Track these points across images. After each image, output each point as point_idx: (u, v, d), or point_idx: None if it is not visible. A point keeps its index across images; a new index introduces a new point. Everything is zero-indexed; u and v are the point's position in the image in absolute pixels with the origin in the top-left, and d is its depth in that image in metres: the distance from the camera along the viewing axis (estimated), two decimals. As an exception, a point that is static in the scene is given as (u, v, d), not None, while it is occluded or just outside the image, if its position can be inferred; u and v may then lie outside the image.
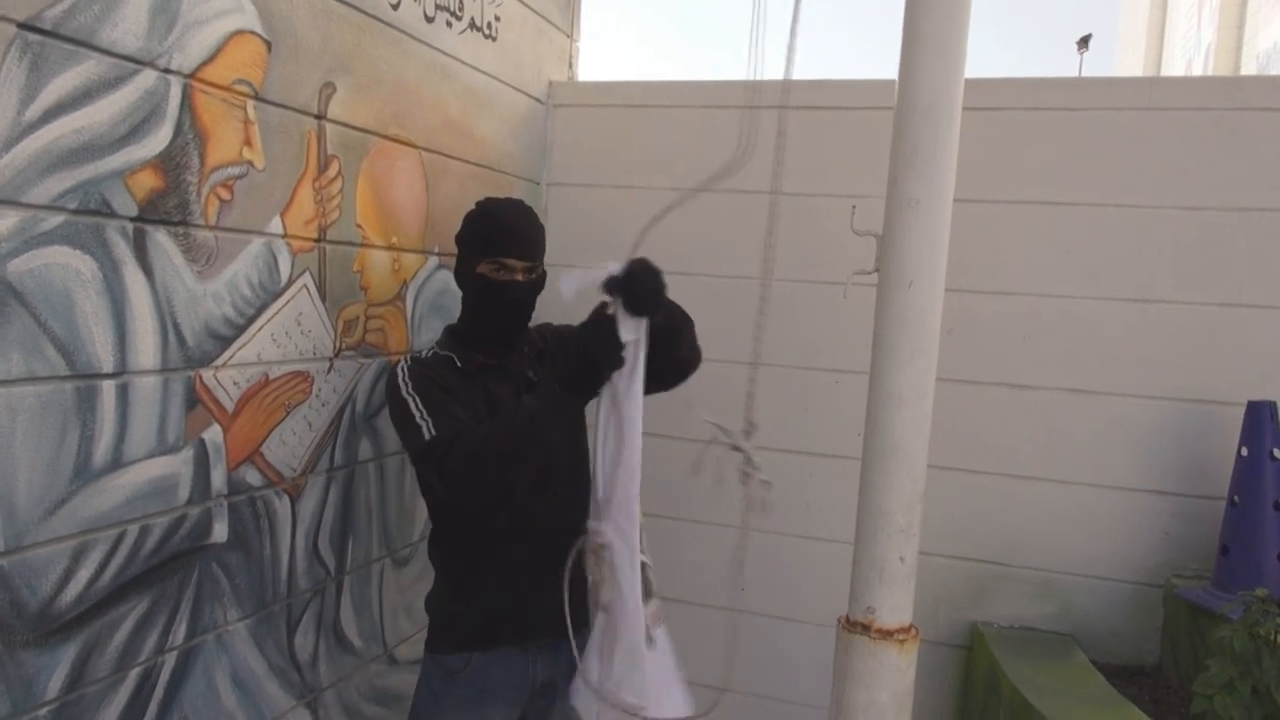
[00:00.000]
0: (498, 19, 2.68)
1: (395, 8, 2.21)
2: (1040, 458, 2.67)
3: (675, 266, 2.95)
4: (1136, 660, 2.59)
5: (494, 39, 2.68)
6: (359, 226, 2.16)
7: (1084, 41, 24.46)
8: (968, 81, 1.60)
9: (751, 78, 1.54)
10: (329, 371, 2.09)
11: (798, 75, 1.77)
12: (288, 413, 1.97)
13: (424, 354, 2.00)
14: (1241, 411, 2.42)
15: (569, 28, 3.16)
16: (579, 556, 1.80)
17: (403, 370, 1.92)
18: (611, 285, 1.73)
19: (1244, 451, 2.36)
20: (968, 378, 2.72)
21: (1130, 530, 2.61)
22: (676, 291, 1.87)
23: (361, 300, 2.19)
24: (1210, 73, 10.89)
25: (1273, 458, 2.31)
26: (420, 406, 1.85)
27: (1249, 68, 10.03)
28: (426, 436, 1.82)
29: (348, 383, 2.16)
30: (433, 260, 2.47)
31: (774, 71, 1.65)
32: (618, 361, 1.73)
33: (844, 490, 2.09)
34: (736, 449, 1.64)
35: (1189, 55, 12.38)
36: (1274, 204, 2.48)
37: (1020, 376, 2.67)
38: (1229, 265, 2.52)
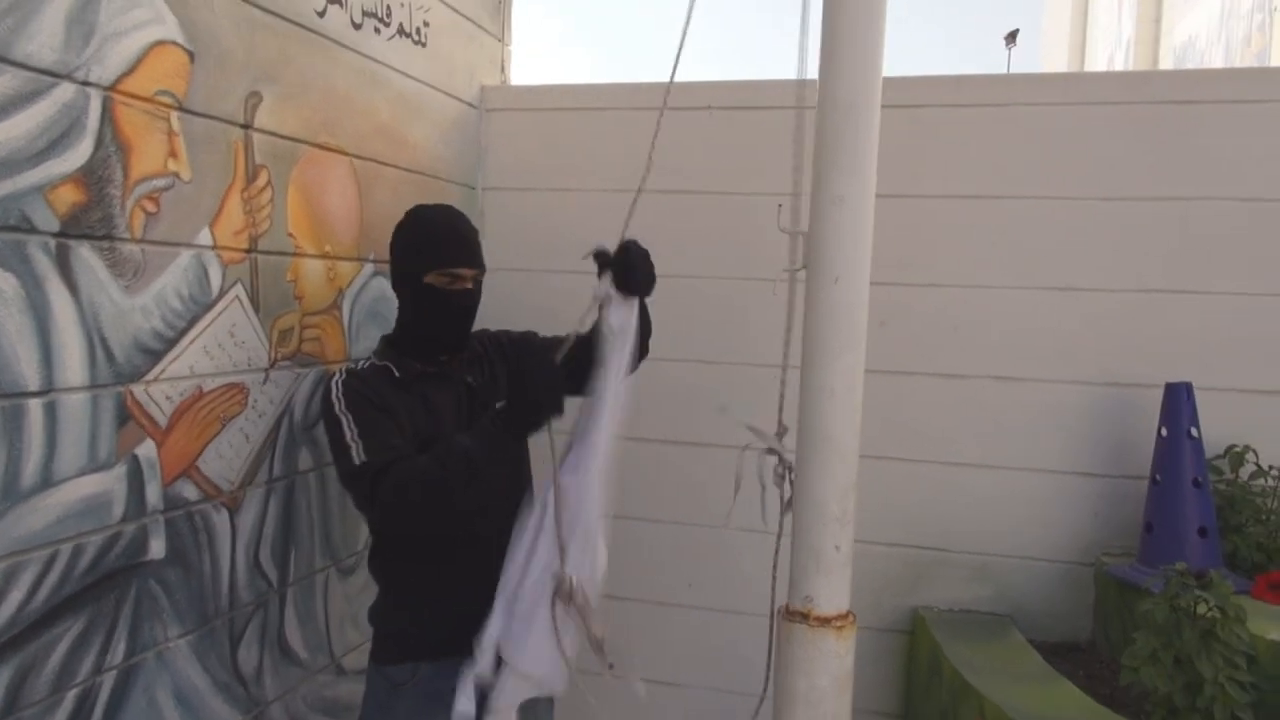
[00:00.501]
0: (427, 24, 2.68)
1: (321, 15, 2.19)
2: (974, 445, 2.74)
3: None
4: (1071, 637, 2.68)
5: (424, 44, 2.67)
6: (291, 235, 2.14)
7: (1011, 36, 25.00)
8: (890, 80, 1.64)
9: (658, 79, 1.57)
10: (264, 382, 2.07)
11: (723, 76, 1.82)
12: (223, 425, 1.95)
13: (360, 366, 1.97)
14: (1160, 393, 2.52)
15: (500, 32, 3.17)
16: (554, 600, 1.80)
17: (337, 386, 1.89)
18: (603, 260, 1.84)
19: (1163, 432, 2.45)
20: (902, 369, 2.78)
21: (1061, 512, 2.70)
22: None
23: (296, 310, 2.17)
24: (1130, 66, 11.22)
25: (1190, 436, 2.40)
26: (352, 427, 1.83)
27: (1166, 61, 10.38)
28: (356, 460, 1.81)
29: (284, 393, 2.14)
30: (368, 268, 2.46)
31: (704, 74, 1.68)
32: (558, 406, 1.78)
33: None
34: (772, 452, 1.70)
35: (1110, 49, 12.75)
36: (1185, 193, 2.58)
37: (952, 366, 2.74)
38: (1145, 253, 2.61)
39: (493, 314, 2.25)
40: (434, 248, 1.98)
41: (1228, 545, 2.41)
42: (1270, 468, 2.43)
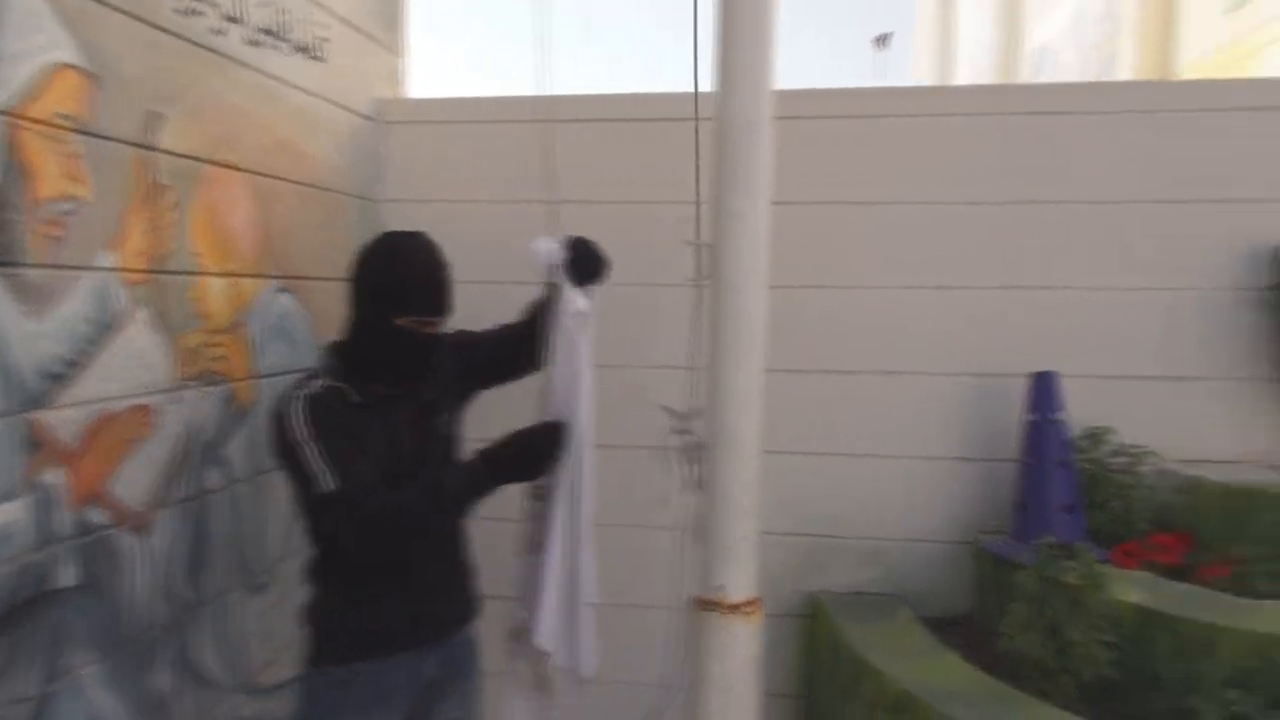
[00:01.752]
0: (324, 40, 2.69)
1: (218, 34, 2.19)
2: (863, 436, 2.92)
3: (511, 276, 3.05)
4: (953, 611, 2.88)
5: (320, 59, 2.68)
6: (194, 254, 2.14)
7: (881, 40, 25.91)
8: (778, 94, 1.75)
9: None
10: (171, 403, 2.06)
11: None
12: (132, 448, 1.94)
13: (315, 389, 1.90)
14: (1028, 382, 2.74)
15: (395, 45, 3.19)
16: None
17: (298, 412, 1.84)
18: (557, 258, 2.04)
19: (1030, 417, 2.66)
20: (795, 367, 2.93)
21: (943, 495, 2.90)
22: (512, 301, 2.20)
23: (201, 328, 2.17)
24: (992, 70, 11.84)
25: (1055, 421, 2.63)
26: (319, 454, 1.80)
27: (1024, 66, 11.01)
28: (325, 488, 1.79)
29: (191, 413, 2.13)
30: (272, 284, 2.46)
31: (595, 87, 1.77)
32: (556, 468, 1.95)
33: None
34: (684, 431, 1.81)
35: (974, 52, 13.41)
36: (1042, 196, 2.81)
37: (841, 363, 2.91)
38: (1010, 253, 2.83)
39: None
40: (412, 295, 1.93)
41: (1091, 520, 2.64)
42: (1124, 446, 2.67)
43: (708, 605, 1.76)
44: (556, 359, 2.05)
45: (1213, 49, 6.35)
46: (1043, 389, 2.65)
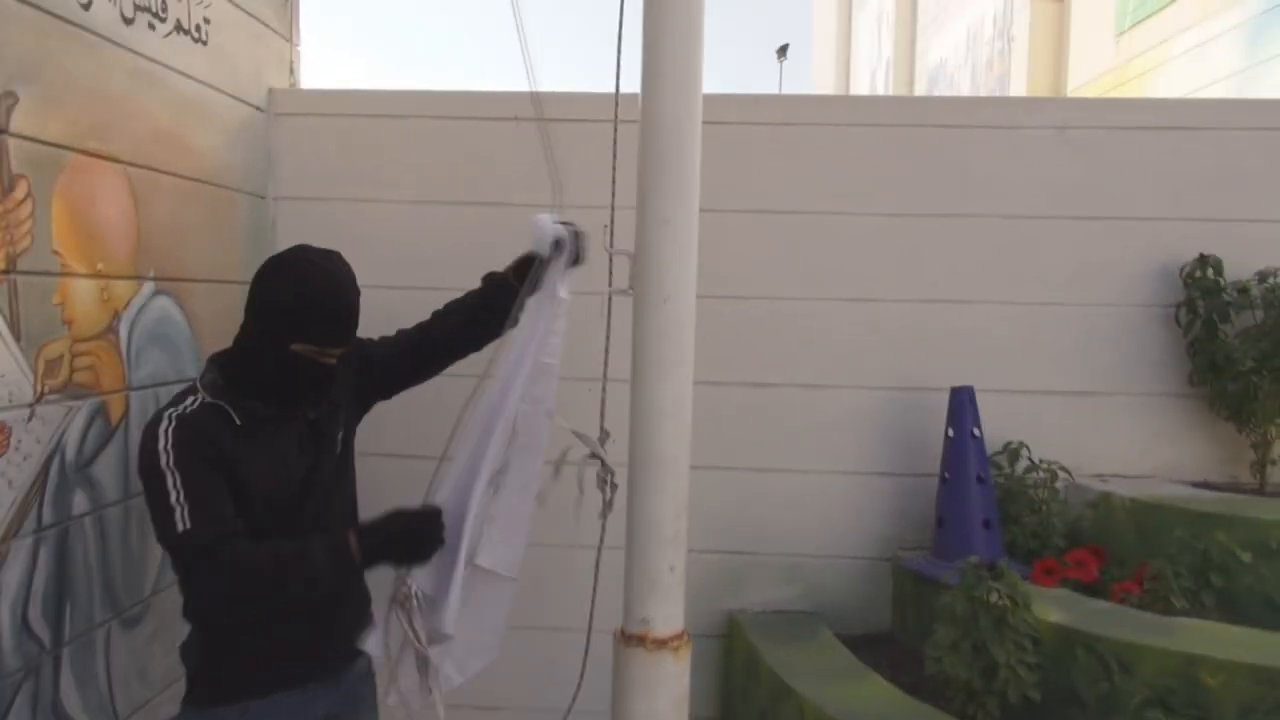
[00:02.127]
0: (207, 21, 2.47)
1: (86, 8, 1.97)
2: (782, 450, 2.84)
3: (419, 281, 2.88)
4: (873, 629, 2.83)
5: (204, 43, 2.46)
6: (56, 253, 1.91)
7: (782, 50, 26.38)
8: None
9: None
10: (29, 420, 1.83)
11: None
12: (-20, 472, 1.71)
13: (190, 407, 1.74)
14: (944, 396, 2.71)
15: (287, 32, 2.98)
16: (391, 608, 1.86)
17: (165, 434, 1.68)
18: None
19: (950, 433, 2.64)
20: (714, 379, 2.82)
21: (860, 511, 2.85)
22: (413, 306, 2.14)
23: (65, 336, 1.94)
24: (890, 83, 12.11)
25: (973, 436, 2.60)
26: (178, 486, 1.65)
27: (921, 79, 11.28)
28: (179, 528, 1.65)
29: (53, 430, 1.90)
30: (148, 286, 2.24)
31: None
32: (427, 558, 1.84)
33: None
34: (594, 457, 1.70)
35: (873, 66, 13.71)
36: (959, 210, 2.79)
37: (760, 375, 2.83)
38: (927, 265, 2.80)
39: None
40: (314, 323, 1.79)
41: (1007, 535, 2.62)
42: (1041, 461, 2.67)
43: (632, 640, 1.64)
44: (522, 333, 2.00)
45: (1101, 71, 6.58)
46: (960, 404, 2.63)
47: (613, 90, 1.94)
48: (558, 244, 2.03)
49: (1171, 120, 2.75)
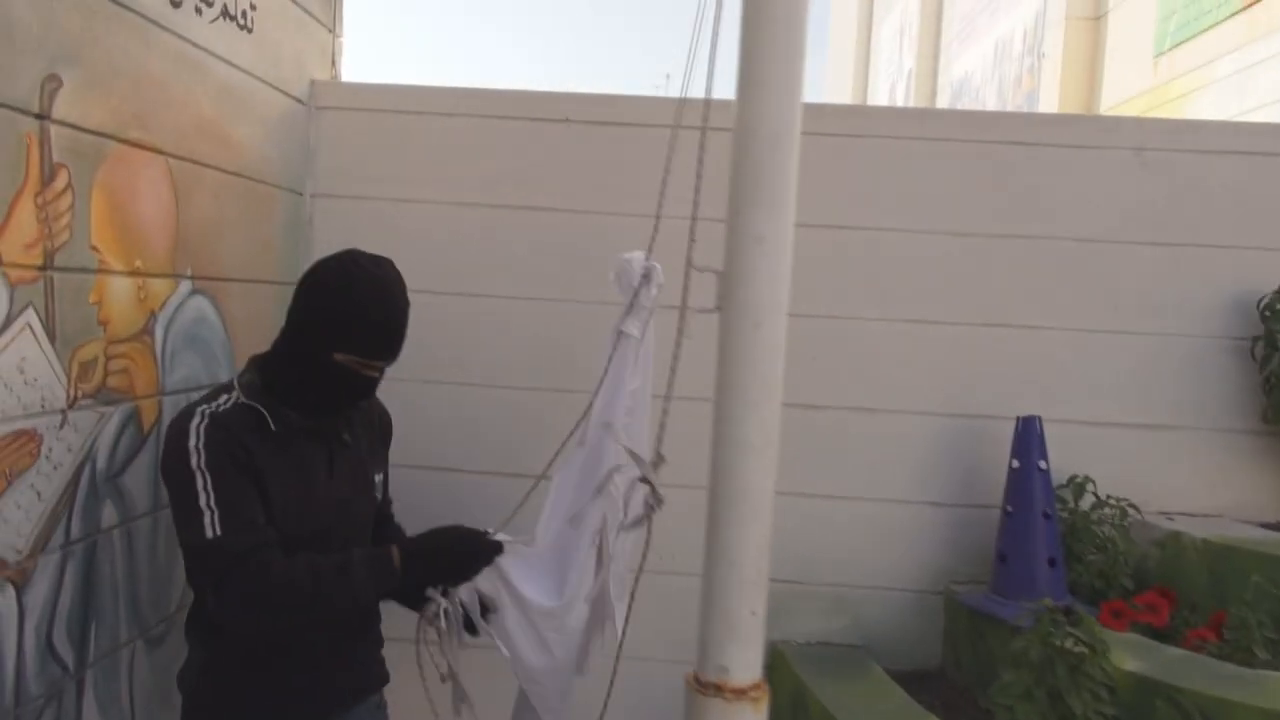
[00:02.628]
0: (253, 7, 2.35)
1: (135, -12, 1.85)
2: (831, 476, 2.73)
3: (462, 288, 2.76)
4: (921, 664, 2.71)
5: (250, 30, 2.34)
6: (95, 249, 1.79)
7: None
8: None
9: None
10: (61, 427, 1.71)
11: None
12: (9, 483, 1.58)
13: (223, 406, 1.67)
14: (1004, 424, 2.59)
15: (331, 21, 2.86)
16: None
17: (197, 431, 1.61)
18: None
19: (1015, 464, 2.52)
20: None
21: (912, 541, 2.74)
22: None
23: (101, 337, 1.81)
24: (911, 97, 12.01)
25: (1039, 469, 2.48)
26: (209, 489, 1.58)
27: (944, 94, 11.18)
28: (209, 534, 1.57)
29: (85, 438, 1.78)
30: (184, 285, 2.12)
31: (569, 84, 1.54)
32: (469, 578, 1.77)
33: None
34: (645, 481, 1.60)
35: (893, 78, 13.61)
36: (1029, 231, 2.67)
37: (812, 396, 2.71)
38: (993, 287, 2.69)
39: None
40: (362, 334, 1.71)
41: (1071, 573, 2.50)
42: (1108, 497, 2.55)
43: (708, 688, 1.52)
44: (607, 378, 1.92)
45: (1138, 92, 6.47)
46: (1028, 434, 2.51)
47: (678, 94, 1.86)
48: (646, 277, 1.90)
49: (1252, 145, 2.64)
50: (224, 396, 1.71)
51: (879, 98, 14.21)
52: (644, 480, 1.74)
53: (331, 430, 1.80)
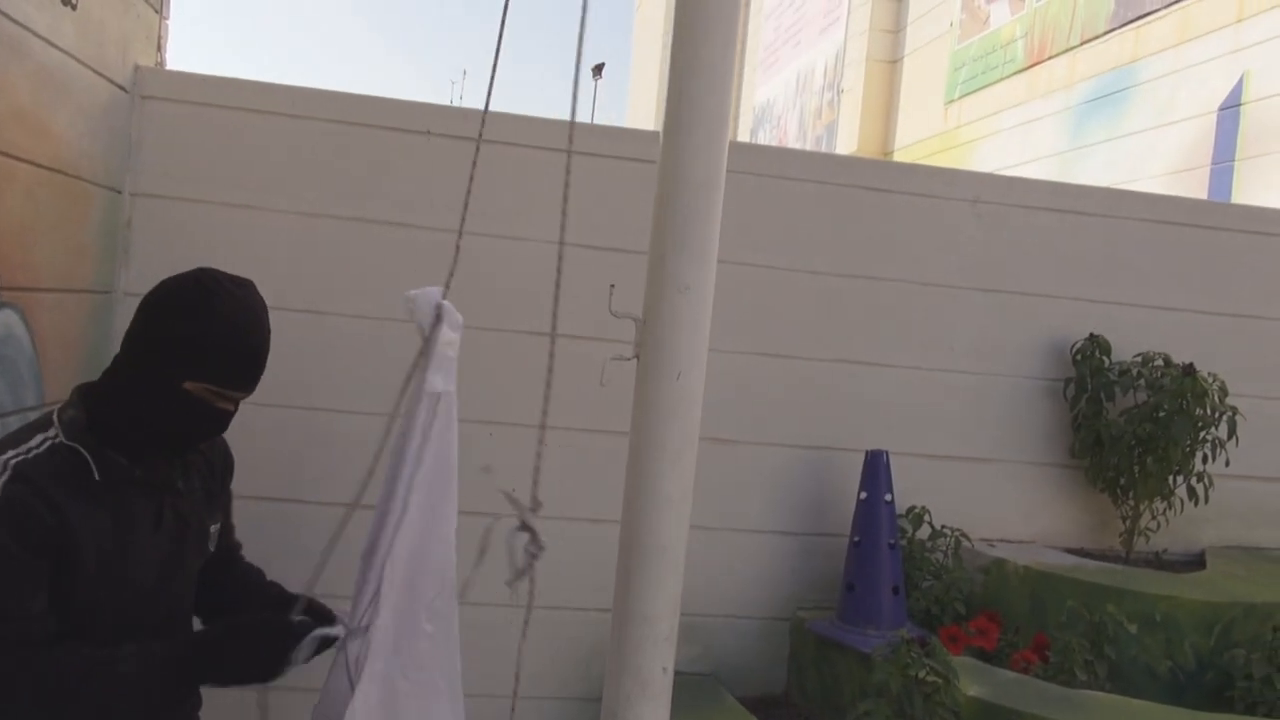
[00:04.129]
0: (78, -20, 2.07)
1: (-48, -49, 1.57)
2: (686, 505, 2.73)
3: (306, 304, 2.56)
4: (768, 690, 2.78)
5: (74, 6, 2.06)
6: (-110, 256, 1.50)
7: (598, 69, 26.60)
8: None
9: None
10: None
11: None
12: None
13: (37, 448, 1.42)
14: (848, 456, 2.70)
15: (158, 1, 2.57)
16: None
17: None
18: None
19: (863, 495, 2.62)
20: (610, 428, 2.69)
21: (761, 569, 2.79)
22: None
23: (-105, 362, 1.53)
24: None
25: (886, 502, 2.60)
26: None
27: (746, 117, 11.66)
28: None
29: None
30: (-8, 297, 1.83)
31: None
32: (271, 678, 1.50)
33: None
34: (526, 528, 1.46)
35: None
36: (876, 273, 2.80)
37: (670, 427, 2.71)
38: (841, 325, 2.79)
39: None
40: (218, 362, 1.51)
41: (909, 600, 2.64)
42: (944, 527, 2.71)
43: (618, 751, 1.47)
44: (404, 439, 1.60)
45: (929, 134, 7.01)
46: (876, 468, 2.62)
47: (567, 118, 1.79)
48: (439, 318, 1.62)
49: (1071, 204, 2.89)
50: (38, 437, 1.45)
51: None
52: (524, 527, 1.63)
53: (164, 477, 1.58)
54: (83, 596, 1.44)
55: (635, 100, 18.67)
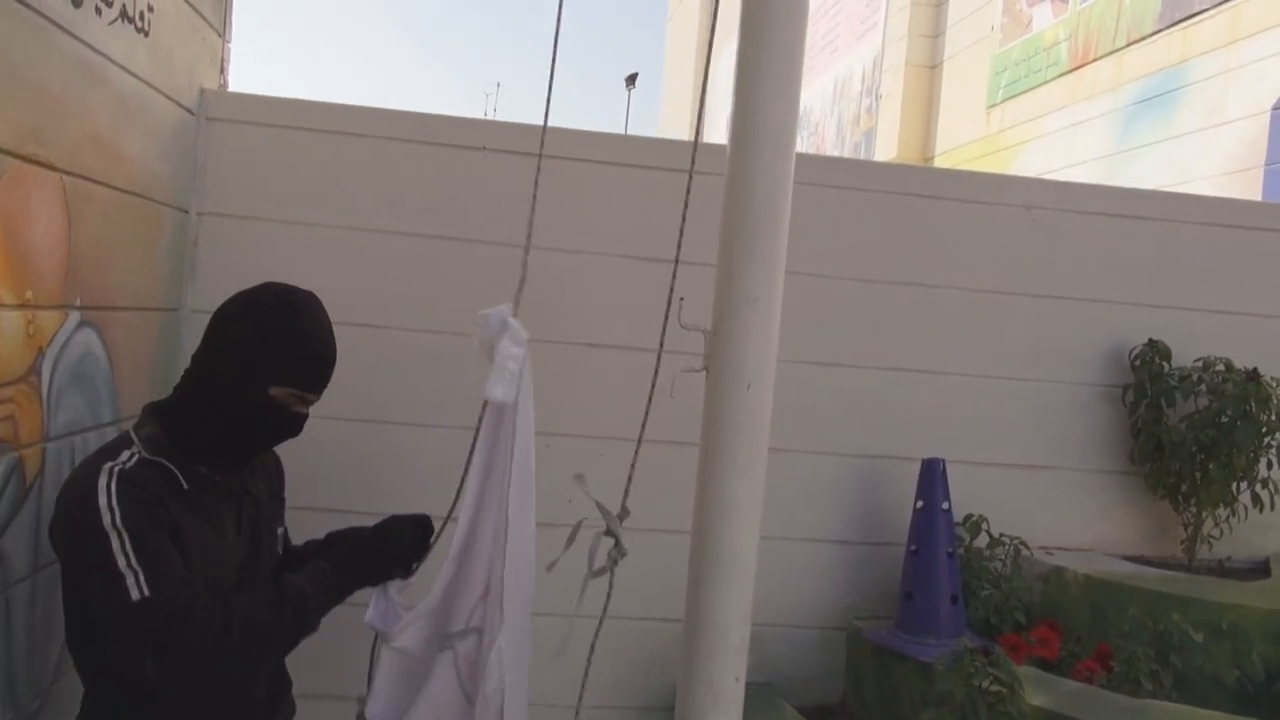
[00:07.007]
0: (150, 9, 2.13)
1: (37, -17, 1.63)
2: (741, 515, 2.74)
3: (360, 318, 2.61)
4: (824, 699, 2.77)
5: (146, 33, 2.12)
6: (-15, 280, 1.56)
7: (631, 79, 26.71)
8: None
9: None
10: (-59, 486, 1.47)
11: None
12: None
13: (128, 463, 1.50)
14: (904, 464, 2.69)
15: (221, 25, 2.64)
16: None
17: (106, 490, 1.44)
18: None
19: (919, 504, 2.61)
20: (670, 438, 2.70)
21: (817, 579, 2.79)
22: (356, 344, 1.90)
23: (-13, 381, 1.58)
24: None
25: (943, 510, 2.59)
26: (128, 550, 1.42)
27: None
28: (135, 595, 1.41)
29: (-35, 497, 1.55)
30: (73, 317, 1.88)
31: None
32: (410, 569, 1.73)
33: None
34: (610, 534, 1.52)
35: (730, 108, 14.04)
36: (930, 280, 2.79)
37: (725, 437, 2.72)
38: (896, 333, 2.79)
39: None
40: (301, 363, 1.61)
41: (968, 609, 2.62)
42: (1001, 535, 2.69)
43: (693, 758, 1.48)
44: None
45: (970, 139, 6.95)
46: (932, 476, 2.61)
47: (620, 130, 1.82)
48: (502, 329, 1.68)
49: (1126, 208, 2.87)
50: (125, 453, 1.53)
51: (719, 123, 14.61)
52: (608, 533, 1.68)
53: (240, 485, 1.68)
54: None
55: (668, 110, 18.70)
